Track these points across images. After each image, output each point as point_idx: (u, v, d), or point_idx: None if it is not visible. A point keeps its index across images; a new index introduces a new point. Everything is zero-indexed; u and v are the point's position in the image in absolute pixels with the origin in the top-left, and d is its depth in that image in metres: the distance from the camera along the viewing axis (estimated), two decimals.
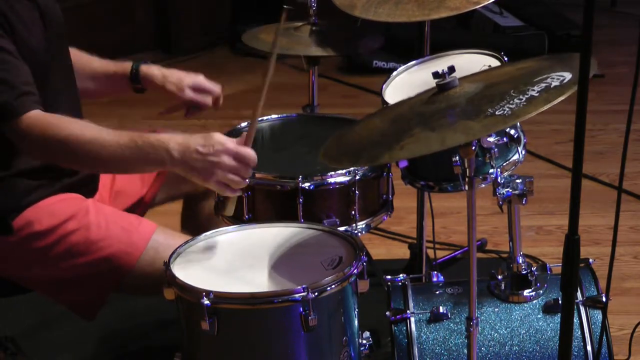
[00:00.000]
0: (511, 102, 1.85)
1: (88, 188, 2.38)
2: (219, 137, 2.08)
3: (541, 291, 2.26)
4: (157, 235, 2.27)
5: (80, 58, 2.47)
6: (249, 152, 2.09)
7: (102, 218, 2.28)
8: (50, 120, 2.10)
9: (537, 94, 1.85)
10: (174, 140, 2.08)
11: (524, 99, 1.85)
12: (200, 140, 2.07)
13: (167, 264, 2.00)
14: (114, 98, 3.82)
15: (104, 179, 2.47)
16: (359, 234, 2.34)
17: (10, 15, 2.12)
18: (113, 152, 2.09)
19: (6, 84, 2.08)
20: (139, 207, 2.54)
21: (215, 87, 2.48)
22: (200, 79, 2.47)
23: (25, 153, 2.19)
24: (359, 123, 2.17)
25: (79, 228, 2.25)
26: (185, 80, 2.45)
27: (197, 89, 2.45)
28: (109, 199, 2.48)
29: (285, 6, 2.13)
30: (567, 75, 1.88)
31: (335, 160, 2.04)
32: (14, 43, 2.12)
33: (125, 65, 2.48)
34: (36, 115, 2.09)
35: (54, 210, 2.25)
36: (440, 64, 2.40)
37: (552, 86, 1.87)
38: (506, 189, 2.17)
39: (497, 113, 1.84)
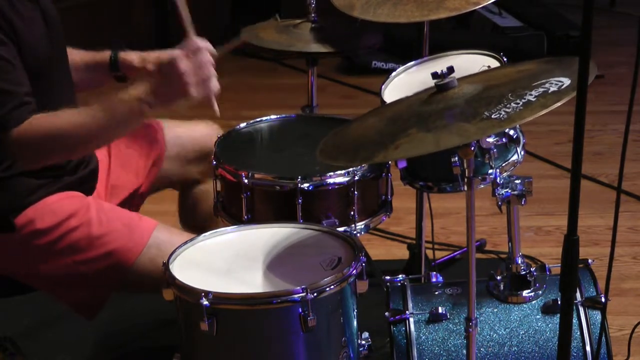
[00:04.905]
0: (508, 105, 1.85)
1: (88, 186, 2.40)
2: (167, 55, 2.13)
3: (540, 292, 2.26)
4: (158, 232, 2.29)
5: None
6: (197, 43, 2.13)
7: (103, 215, 2.29)
8: (32, 123, 2.09)
9: (534, 99, 1.85)
10: (138, 88, 2.12)
11: (521, 103, 1.85)
12: (157, 73, 2.14)
13: (166, 265, 2.01)
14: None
15: (99, 174, 2.47)
16: (358, 234, 2.34)
17: (12, 16, 2.12)
18: (97, 128, 2.11)
19: (4, 95, 2.08)
20: (135, 199, 2.56)
21: None
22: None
23: (20, 164, 2.19)
24: (355, 121, 2.16)
25: (80, 225, 2.26)
26: (163, 56, 2.46)
27: None
28: (105, 194, 2.49)
29: None
30: (566, 81, 1.87)
31: (332, 158, 2.03)
32: (17, 45, 2.12)
33: (104, 54, 2.51)
34: (24, 125, 2.09)
35: (56, 208, 2.26)
36: (439, 65, 2.40)
37: (549, 91, 1.86)
38: (505, 190, 2.17)
39: (493, 116, 1.83)
